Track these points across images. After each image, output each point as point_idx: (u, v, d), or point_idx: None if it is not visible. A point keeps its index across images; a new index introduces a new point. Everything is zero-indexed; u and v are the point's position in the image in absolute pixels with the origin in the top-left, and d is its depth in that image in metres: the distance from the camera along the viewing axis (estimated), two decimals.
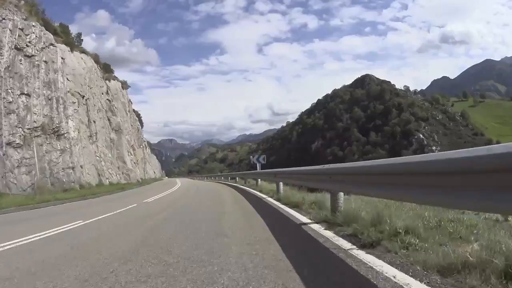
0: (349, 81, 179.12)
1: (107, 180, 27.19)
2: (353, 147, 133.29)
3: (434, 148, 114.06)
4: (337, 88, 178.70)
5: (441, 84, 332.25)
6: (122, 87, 38.03)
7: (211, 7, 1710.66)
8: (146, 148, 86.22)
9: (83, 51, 29.85)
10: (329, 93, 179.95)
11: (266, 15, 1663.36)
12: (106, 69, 36.21)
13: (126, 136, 34.86)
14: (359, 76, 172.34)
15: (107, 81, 33.79)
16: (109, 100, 32.03)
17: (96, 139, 26.85)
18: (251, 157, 17.69)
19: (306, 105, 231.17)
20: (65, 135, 20.36)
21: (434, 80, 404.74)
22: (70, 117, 21.58)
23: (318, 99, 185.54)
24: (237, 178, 24.70)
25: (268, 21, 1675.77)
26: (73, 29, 41.18)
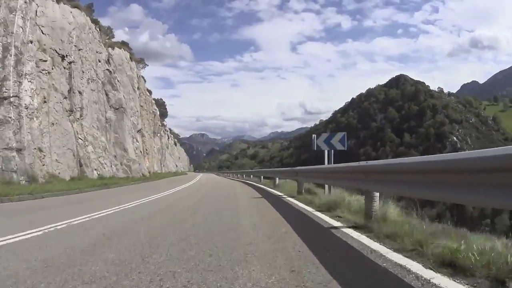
0: (381, 82, 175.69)
1: (94, 172, 20.31)
2: (387, 147, 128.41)
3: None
4: (371, 88, 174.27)
5: (470, 88, 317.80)
6: (130, 58, 31.15)
7: (245, 4, 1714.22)
8: (168, 138, 79.86)
9: (76, 6, 23.10)
10: (363, 92, 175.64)
11: (300, 14, 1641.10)
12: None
13: (131, 118, 27.95)
14: (394, 76, 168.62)
15: (109, 49, 27.04)
16: (109, 71, 25.21)
17: (81, 116, 19.99)
18: (313, 137, 9.05)
19: (339, 105, 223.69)
20: (11, 99, 13.41)
21: (464, 84, 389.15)
22: (27, 76, 14.64)
23: (352, 98, 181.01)
24: (277, 179, 14.82)
25: (302, 20, 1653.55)
26: (106, 23, 36.11)
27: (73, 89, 19.51)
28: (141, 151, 30.24)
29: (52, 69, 17.83)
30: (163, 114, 77.26)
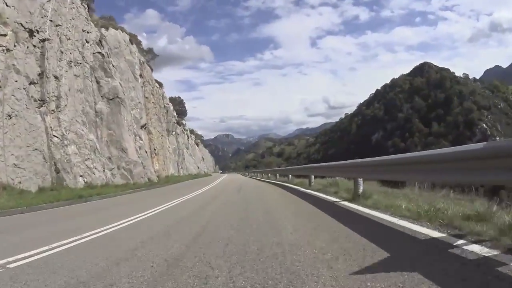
0: (403, 72, 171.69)
1: (80, 179, 16.04)
2: (415, 138, 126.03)
3: (498, 138, 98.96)
4: (395, 78, 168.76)
5: (494, 73, 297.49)
6: (130, 40, 26.73)
7: (261, 2, 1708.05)
8: (188, 138, 75.04)
9: None
10: (388, 82, 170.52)
11: (317, 8, 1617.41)
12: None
13: (131, 111, 23.58)
14: (418, 64, 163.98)
15: (103, 29, 22.73)
16: (101, 54, 20.90)
17: (57, 107, 15.71)
18: None
19: (362, 98, 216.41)
20: None
21: (487, 69, 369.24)
22: None
23: (377, 89, 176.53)
24: (360, 181, 7.31)
25: (320, 14, 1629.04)
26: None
27: (47, 73, 15.23)
28: (146, 151, 25.92)
29: (15, 46, 13.56)
30: (182, 112, 73.28)
